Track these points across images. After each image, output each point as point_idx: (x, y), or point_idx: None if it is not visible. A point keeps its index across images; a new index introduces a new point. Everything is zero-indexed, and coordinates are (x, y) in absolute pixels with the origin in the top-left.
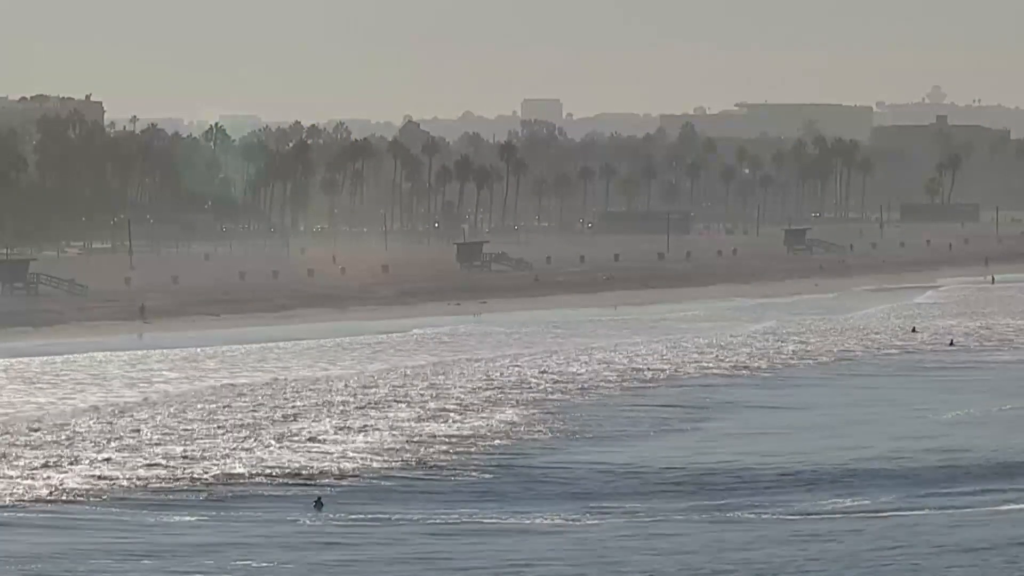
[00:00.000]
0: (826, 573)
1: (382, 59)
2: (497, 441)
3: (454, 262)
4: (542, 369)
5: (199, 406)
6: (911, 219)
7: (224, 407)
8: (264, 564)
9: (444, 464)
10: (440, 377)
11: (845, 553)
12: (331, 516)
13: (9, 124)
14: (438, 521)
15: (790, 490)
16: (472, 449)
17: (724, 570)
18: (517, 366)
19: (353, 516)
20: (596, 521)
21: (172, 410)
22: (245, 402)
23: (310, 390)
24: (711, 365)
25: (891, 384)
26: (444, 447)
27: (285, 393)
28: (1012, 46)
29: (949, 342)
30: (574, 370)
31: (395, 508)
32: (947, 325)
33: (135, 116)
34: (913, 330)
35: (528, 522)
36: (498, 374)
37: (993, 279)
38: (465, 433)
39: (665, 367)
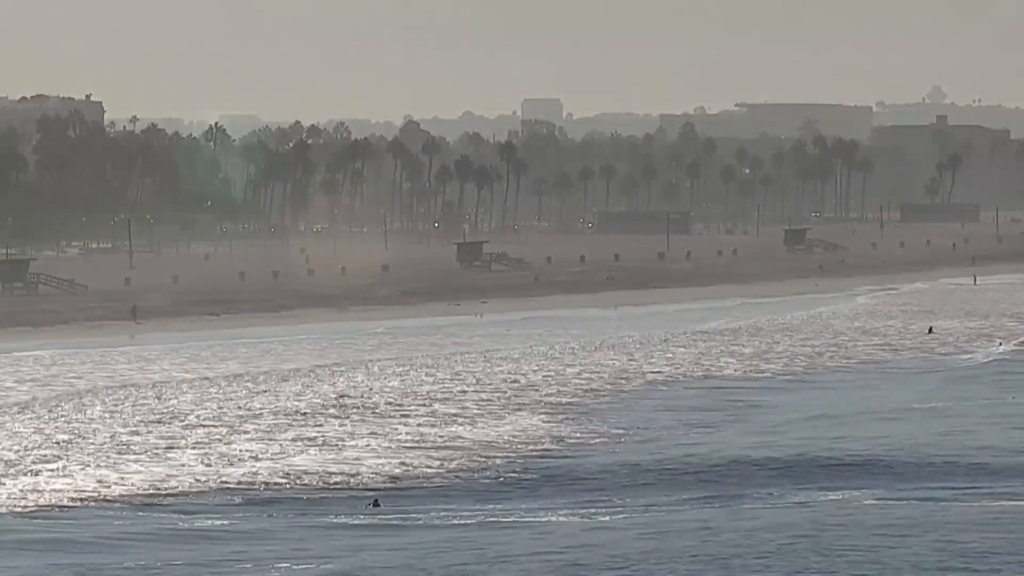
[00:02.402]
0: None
1: (382, 59)
2: (522, 442)
3: (454, 262)
4: (541, 370)
5: (211, 406)
6: (911, 219)
7: (236, 408)
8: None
9: (478, 464)
10: (450, 380)
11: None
12: (390, 515)
13: (9, 124)
14: (488, 518)
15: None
16: (503, 449)
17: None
18: (521, 366)
19: (408, 515)
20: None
21: (191, 411)
22: (260, 404)
23: (330, 390)
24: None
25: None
26: (473, 448)
27: (298, 393)
28: (1012, 46)
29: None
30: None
31: (443, 507)
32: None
33: (135, 116)
34: (930, 331)
35: (554, 518)
36: (499, 377)
37: (975, 279)
38: (491, 434)
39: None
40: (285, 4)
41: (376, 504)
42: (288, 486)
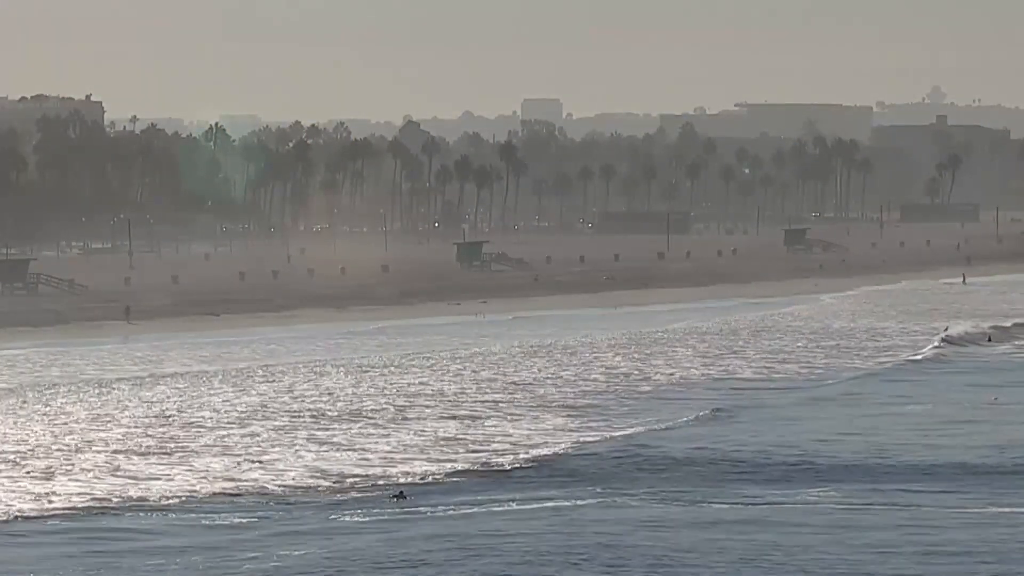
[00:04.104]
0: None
1: (382, 59)
2: (539, 440)
3: (454, 262)
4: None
5: (212, 407)
6: (911, 219)
7: (240, 409)
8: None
9: (498, 462)
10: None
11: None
12: (414, 509)
13: (9, 124)
14: (498, 509)
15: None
16: (518, 446)
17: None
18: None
19: (433, 507)
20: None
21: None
22: (269, 404)
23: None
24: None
25: None
26: (485, 447)
27: (302, 393)
28: (1012, 46)
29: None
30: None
31: (466, 499)
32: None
33: (135, 116)
34: (945, 330)
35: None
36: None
37: (964, 279)
38: (503, 432)
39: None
40: (285, 4)
41: (401, 496)
42: (310, 485)
